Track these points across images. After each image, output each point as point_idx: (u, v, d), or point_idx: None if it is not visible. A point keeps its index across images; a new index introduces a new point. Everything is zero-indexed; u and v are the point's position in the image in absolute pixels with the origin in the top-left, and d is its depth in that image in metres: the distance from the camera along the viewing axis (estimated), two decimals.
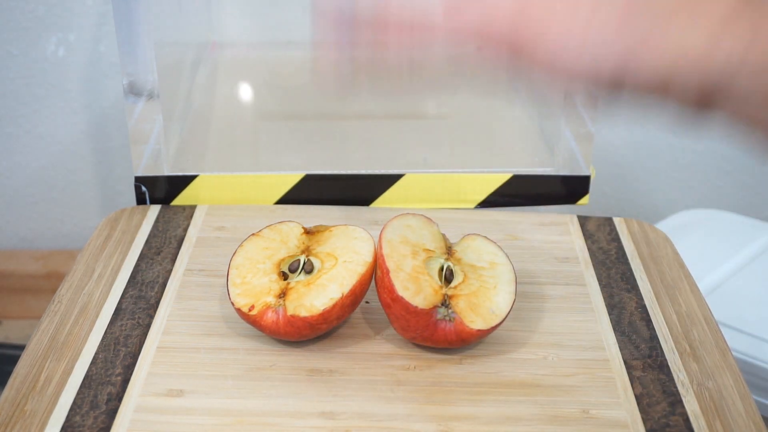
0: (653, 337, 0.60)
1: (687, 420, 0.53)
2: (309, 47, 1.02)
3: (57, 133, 1.12)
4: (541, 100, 0.75)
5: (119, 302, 0.63)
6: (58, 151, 1.13)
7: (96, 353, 0.58)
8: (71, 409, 0.53)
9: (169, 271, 0.66)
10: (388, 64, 0.48)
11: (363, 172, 0.75)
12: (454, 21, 0.45)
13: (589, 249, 0.70)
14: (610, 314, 0.62)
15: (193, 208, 0.74)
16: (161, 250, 0.69)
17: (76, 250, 1.18)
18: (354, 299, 0.58)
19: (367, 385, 0.56)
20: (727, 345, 0.60)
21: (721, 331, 0.61)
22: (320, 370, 0.57)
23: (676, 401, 0.55)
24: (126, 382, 0.56)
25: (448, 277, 0.59)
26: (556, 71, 0.43)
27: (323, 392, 0.55)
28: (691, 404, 0.55)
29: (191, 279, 0.65)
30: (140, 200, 0.75)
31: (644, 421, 0.53)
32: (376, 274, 0.59)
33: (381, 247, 0.58)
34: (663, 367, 0.58)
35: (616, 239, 0.71)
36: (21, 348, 0.86)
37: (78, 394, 0.55)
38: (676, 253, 0.70)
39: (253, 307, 0.57)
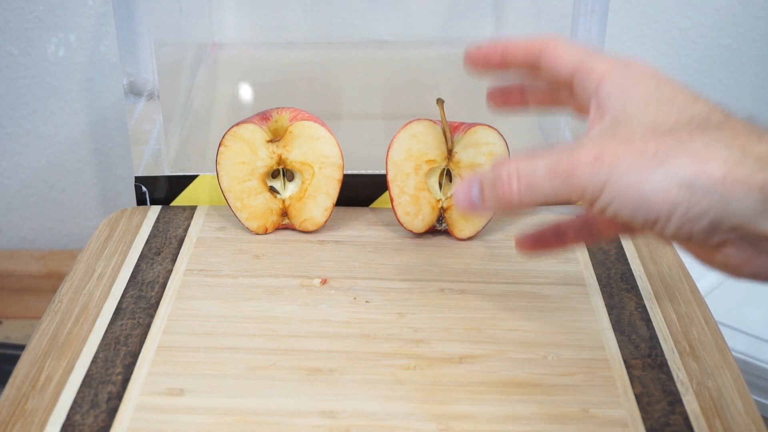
0: (653, 337, 0.60)
1: (687, 419, 0.53)
2: (308, 47, 1.02)
3: (57, 133, 1.12)
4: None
5: (119, 302, 0.63)
6: (58, 151, 1.13)
7: (96, 352, 0.58)
8: (71, 408, 0.54)
9: (170, 271, 0.66)
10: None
11: (363, 172, 0.75)
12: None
13: (588, 249, 0.70)
14: (609, 314, 0.62)
15: (193, 208, 0.74)
16: (161, 251, 0.69)
17: (76, 250, 1.18)
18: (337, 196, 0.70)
19: (367, 385, 0.56)
20: (726, 345, 0.60)
21: (720, 331, 0.61)
22: (320, 369, 0.57)
23: (675, 400, 0.55)
24: (126, 381, 0.56)
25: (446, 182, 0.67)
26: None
27: (323, 391, 0.55)
28: (690, 403, 0.55)
29: (191, 279, 0.65)
30: (140, 200, 0.75)
31: (644, 420, 0.53)
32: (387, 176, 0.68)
33: (387, 168, 0.67)
34: (663, 367, 0.58)
35: (616, 239, 0.71)
36: (21, 348, 0.86)
37: (78, 393, 0.55)
38: (676, 254, 0.70)
39: (267, 229, 0.70)
